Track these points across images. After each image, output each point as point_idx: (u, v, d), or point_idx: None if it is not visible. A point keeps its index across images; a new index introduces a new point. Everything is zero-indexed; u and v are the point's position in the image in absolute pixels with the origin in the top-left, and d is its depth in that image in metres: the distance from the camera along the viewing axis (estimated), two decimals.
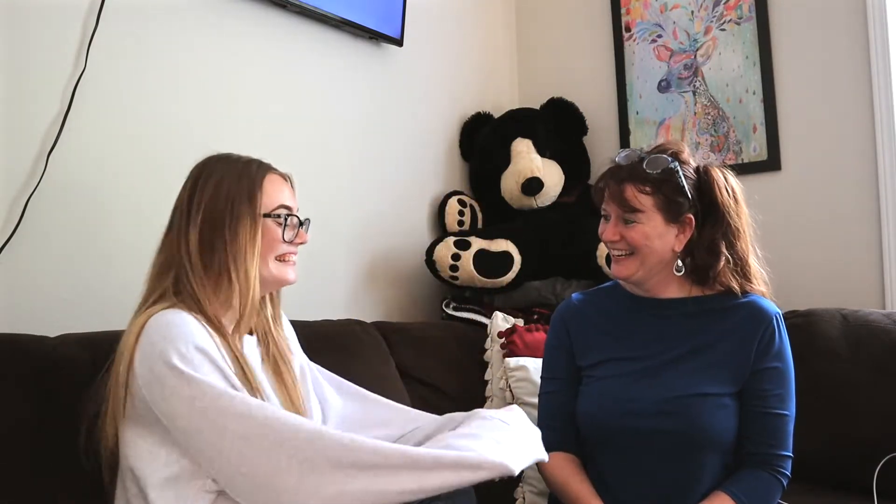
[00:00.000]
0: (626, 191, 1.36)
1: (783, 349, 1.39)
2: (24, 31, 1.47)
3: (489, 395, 1.92)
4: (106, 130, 1.59)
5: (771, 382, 1.36)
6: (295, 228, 1.26)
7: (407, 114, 2.33)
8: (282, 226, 1.22)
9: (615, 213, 1.38)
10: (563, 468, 1.42)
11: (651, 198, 1.36)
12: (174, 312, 1.12)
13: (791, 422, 1.37)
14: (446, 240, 2.17)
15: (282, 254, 1.24)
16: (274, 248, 1.23)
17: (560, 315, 1.55)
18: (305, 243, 1.28)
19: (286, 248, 1.24)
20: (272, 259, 1.23)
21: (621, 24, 2.49)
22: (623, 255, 1.40)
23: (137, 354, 1.08)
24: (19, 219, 1.44)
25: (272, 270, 1.23)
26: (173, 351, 1.05)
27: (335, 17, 2.03)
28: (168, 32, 1.71)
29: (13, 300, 1.45)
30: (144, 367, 1.07)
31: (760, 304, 1.41)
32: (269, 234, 1.22)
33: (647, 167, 1.36)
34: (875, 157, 2.03)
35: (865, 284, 2.04)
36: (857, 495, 1.60)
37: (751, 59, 2.23)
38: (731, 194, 1.40)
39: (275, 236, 1.22)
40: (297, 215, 1.28)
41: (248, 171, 1.23)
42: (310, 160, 2.04)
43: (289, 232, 1.24)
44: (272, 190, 1.23)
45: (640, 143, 2.42)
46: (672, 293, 1.44)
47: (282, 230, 1.22)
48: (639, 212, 1.36)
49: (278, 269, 1.24)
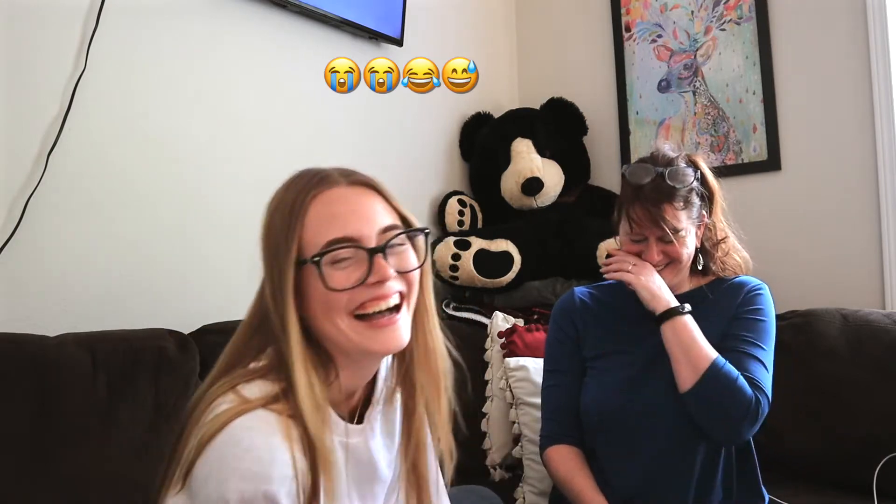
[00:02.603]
0: (665, 212, 1.37)
1: (764, 309, 1.42)
2: (24, 31, 1.47)
3: (489, 395, 1.92)
4: (106, 130, 1.59)
5: (746, 329, 1.39)
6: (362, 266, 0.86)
7: (407, 114, 2.33)
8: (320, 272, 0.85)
9: (654, 235, 1.39)
10: (566, 461, 1.43)
11: (685, 212, 1.39)
12: (260, 429, 0.81)
13: (768, 373, 1.35)
14: (446, 240, 2.17)
15: (356, 307, 0.87)
16: (334, 303, 0.86)
17: (563, 307, 1.55)
18: (387, 280, 0.87)
19: (359, 298, 0.86)
20: (343, 319, 0.87)
21: (621, 24, 2.49)
22: (661, 269, 1.42)
23: (201, 464, 0.81)
24: (19, 219, 1.44)
25: (350, 336, 0.87)
26: (234, 492, 0.78)
27: (335, 17, 2.03)
28: (168, 32, 1.71)
29: (13, 300, 1.45)
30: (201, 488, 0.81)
31: (745, 279, 1.47)
32: (317, 287, 0.86)
33: (674, 182, 1.37)
34: (875, 157, 2.03)
35: (865, 284, 2.04)
36: (856, 495, 1.60)
37: (751, 59, 2.23)
38: (714, 176, 1.46)
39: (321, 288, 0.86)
40: (359, 244, 0.87)
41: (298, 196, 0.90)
42: (310, 160, 2.01)
43: (342, 276, 0.86)
44: (319, 219, 0.88)
45: (641, 142, 2.42)
46: (683, 289, 1.47)
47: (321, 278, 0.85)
48: (681, 230, 1.38)
49: (358, 332, 0.87)
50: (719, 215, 1.46)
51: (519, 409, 1.82)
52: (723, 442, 1.36)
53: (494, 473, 1.89)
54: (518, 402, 1.82)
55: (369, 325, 0.87)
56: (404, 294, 0.90)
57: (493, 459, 1.88)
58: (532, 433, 1.74)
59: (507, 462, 1.89)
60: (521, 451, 1.80)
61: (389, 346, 0.88)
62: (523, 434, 1.79)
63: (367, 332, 0.87)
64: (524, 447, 1.79)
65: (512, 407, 1.83)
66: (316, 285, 0.85)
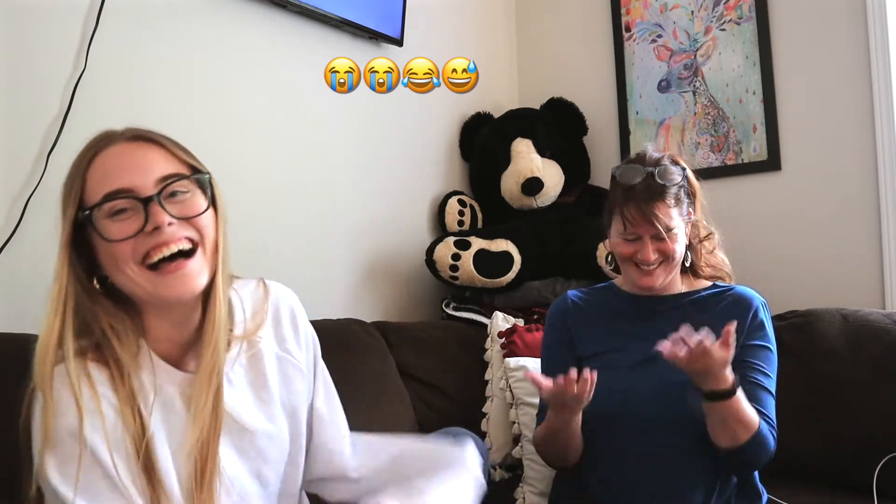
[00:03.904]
0: (658, 210, 1.38)
1: (769, 335, 1.44)
2: (24, 31, 1.47)
3: (489, 395, 1.92)
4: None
5: (757, 357, 1.41)
6: (137, 217, 0.87)
7: (407, 114, 2.33)
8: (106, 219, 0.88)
9: (648, 234, 1.40)
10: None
11: (675, 209, 1.41)
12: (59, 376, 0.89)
13: (773, 403, 1.40)
14: (446, 240, 2.17)
15: (143, 257, 0.89)
16: (118, 255, 0.88)
17: (557, 310, 1.56)
18: (162, 226, 0.89)
19: (140, 248, 0.88)
20: (132, 268, 0.89)
21: (621, 24, 2.49)
22: (655, 267, 1.42)
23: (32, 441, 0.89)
24: (19, 219, 1.44)
25: (144, 285, 0.89)
26: (50, 458, 0.87)
27: (335, 17, 2.03)
28: (168, 32, 1.71)
29: (13, 300, 1.45)
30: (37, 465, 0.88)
31: (746, 292, 1.47)
32: (97, 241, 0.89)
33: (664, 181, 1.39)
34: (875, 157, 2.03)
35: (865, 284, 2.04)
36: (856, 495, 1.60)
37: (751, 59, 2.23)
38: (696, 178, 1.49)
39: (101, 242, 0.89)
40: (133, 195, 0.88)
41: (84, 155, 0.93)
42: (310, 160, 2.04)
43: (114, 227, 0.87)
44: (102, 172, 0.90)
45: (641, 142, 2.41)
46: (675, 289, 1.48)
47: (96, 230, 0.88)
48: (674, 228, 1.40)
49: (150, 281, 0.89)
50: (701, 213, 1.49)
51: (519, 409, 1.82)
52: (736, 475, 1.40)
53: (494, 473, 1.89)
54: (518, 402, 1.82)
55: (159, 272, 0.89)
56: (196, 241, 0.92)
57: (493, 459, 1.89)
58: (532, 433, 1.74)
59: (507, 462, 1.89)
60: (521, 451, 1.80)
61: (180, 291, 0.89)
62: (523, 434, 1.79)
63: (157, 279, 0.88)
64: (524, 447, 1.79)
65: (512, 407, 1.83)
66: (98, 240, 0.88)
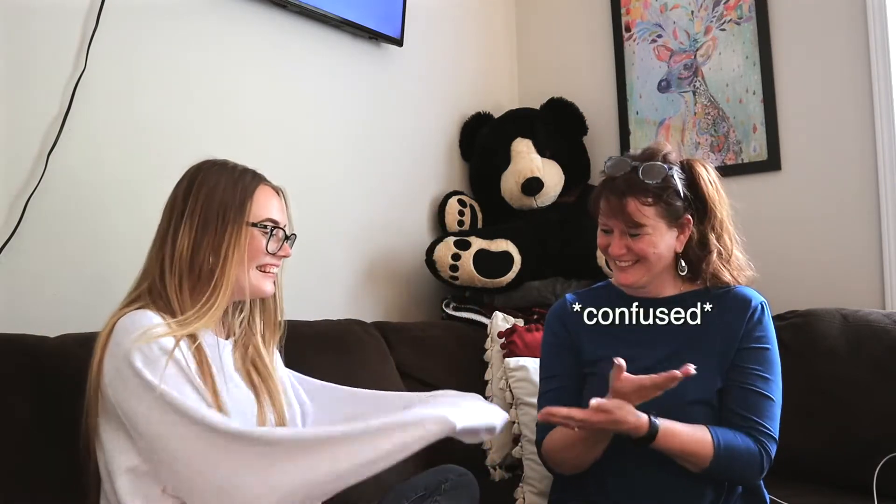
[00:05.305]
0: (628, 205, 1.35)
1: (768, 335, 1.41)
2: (24, 31, 1.47)
3: (489, 395, 1.92)
4: (106, 130, 1.59)
5: (754, 362, 1.38)
6: (280, 241, 1.29)
7: (407, 114, 2.33)
8: (267, 236, 1.26)
9: (619, 228, 1.38)
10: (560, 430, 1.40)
11: (653, 208, 1.36)
12: (142, 313, 1.15)
13: (776, 406, 1.38)
14: (446, 240, 2.17)
15: (263, 264, 1.27)
16: (257, 257, 1.26)
17: (556, 313, 1.55)
18: (288, 257, 1.31)
19: (268, 259, 1.27)
20: (253, 268, 1.26)
21: (621, 24, 2.49)
22: (629, 265, 1.40)
23: (106, 354, 1.12)
24: (19, 219, 1.44)
25: (251, 279, 1.26)
26: (137, 352, 1.09)
27: (335, 17, 2.03)
28: (168, 32, 1.71)
29: (13, 300, 1.45)
30: (111, 366, 1.11)
31: (746, 292, 1.44)
32: (254, 244, 1.25)
33: (645, 177, 1.36)
34: (875, 157, 2.03)
35: (865, 284, 2.04)
36: (856, 495, 1.60)
37: (751, 59, 2.23)
38: (715, 187, 1.43)
39: (259, 246, 1.25)
40: (284, 229, 1.30)
41: (243, 180, 1.27)
42: (310, 159, 2.04)
43: (273, 243, 1.27)
44: (263, 201, 1.27)
45: (641, 142, 2.41)
46: (669, 291, 1.45)
47: (266, 241, 1.26)
48: (644, 225, 1.36)
49: (257, 278, 1.27)
50: (717, 228, 1.41)
51: (519, 409, 1.82)
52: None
53: (494, 473, 1.89)
54: (518, 402, 1.82)
55: (264, 276, 1.28)
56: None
57: (493, 459, 1.89)
58: (532, 433, 1.73)
59: (507, 462, 1.89)
60: (521, 451, 1.80)
61: (271, 290, 1.30)
62: (523, 434, 1.79)
63: (262, 279, 1.27)
64: (524, 447, 1.79)
65: (512, 407, 1.83)
66: (252, 242, 1.24)
